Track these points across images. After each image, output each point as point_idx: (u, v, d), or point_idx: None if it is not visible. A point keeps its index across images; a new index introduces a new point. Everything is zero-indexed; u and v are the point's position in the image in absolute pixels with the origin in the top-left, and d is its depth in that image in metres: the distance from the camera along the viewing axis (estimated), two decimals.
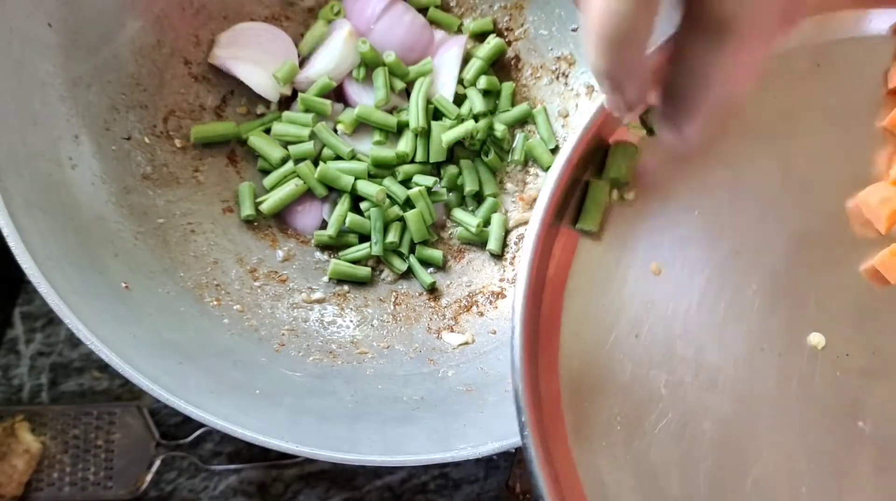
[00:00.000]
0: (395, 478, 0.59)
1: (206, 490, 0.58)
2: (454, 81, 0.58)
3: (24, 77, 0.46)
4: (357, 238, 0.56)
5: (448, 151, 0.56)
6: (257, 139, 0.56)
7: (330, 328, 0.54)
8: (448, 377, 0.50)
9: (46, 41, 0.47)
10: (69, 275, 0.43)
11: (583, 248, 0.36)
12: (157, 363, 0.43)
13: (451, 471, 0.59)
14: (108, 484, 0.56)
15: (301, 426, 0.43)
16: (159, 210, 0.52)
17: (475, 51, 0.58)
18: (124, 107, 0.52)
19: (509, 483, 0.57)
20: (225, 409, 0.42)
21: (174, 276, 0.51)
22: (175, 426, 0.58)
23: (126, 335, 0.43)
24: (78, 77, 0.49)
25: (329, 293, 0.55)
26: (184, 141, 0.55)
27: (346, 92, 0.58)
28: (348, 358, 0.52)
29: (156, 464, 0.57)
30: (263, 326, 0.52)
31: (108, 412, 0.57)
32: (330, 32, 0.57)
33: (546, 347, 0.34)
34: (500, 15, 0.59)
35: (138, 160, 0.53)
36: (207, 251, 0.53)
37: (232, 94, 0.57)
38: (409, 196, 0.55)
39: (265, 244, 0.56)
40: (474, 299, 0.55)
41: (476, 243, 0.57)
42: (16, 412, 0.57)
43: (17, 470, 0.55)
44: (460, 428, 0.44)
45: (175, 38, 0.55)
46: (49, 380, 0.59)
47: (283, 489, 0.59)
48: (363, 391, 0.49)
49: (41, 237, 0.43)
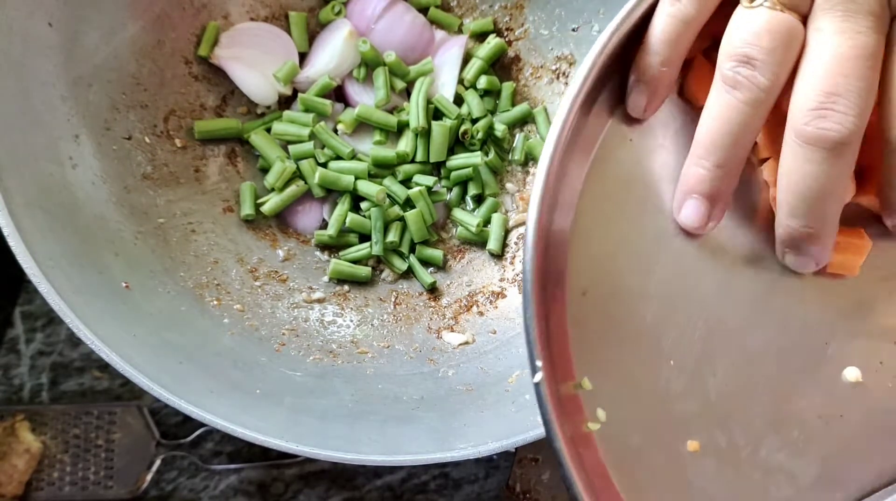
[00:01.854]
0: (395, 478, 0.59)
1: (206, 490, 0.59)
2: (454, 81, 0.58)
3: (24, 77, 0.46)
4: (357, 238, 0.56)
5: (449, 150, 0.56)
6: (258, 138, 0.56)
7: (330, 327, 0.54)
8: (448, 376, 0.50)
9: (47, 41, 0.47)
10: (69, 275, 0.43)
11: None
12: (158, 362, 0.43)
13: (451, 471, 0.59)
14: (108, 484, 0.56)
15: (301, 425, 0.43)
16: (160, 210, 0.52)
17: (475, 51, 0.58)
18: (125, 106, 0.52)
19: (509, 483, 0.57)
20: (225, 409, 0.42)
21: (174, 275, 0.51)
22: (175, 426, 0.58)
23: (126, 334, 0.43)
24: (78, 77, 0.49)
25: (329, 293, 0.55)
26: (184, 140, 0.55)
27: (346, 92, 0.58)
28: (348, 358, 0.52)
29: (156, 464, 0.57)
30: (264, 325, 0.52)
31: (109, 411, 0.57)
32: (330, 32, 0.58)
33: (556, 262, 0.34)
34: (501, 15, 0.59)
35: (139, 160, 0.53)
36: (208, 251, 0.53)
37: (232, 93, 0.57)
38: (409, 196, 0.55)
39: (265, 244, 0.56)
40: (474, 298, 0.55)
41: (476, 243, 0.57)
42: (16, 412, 0.57)
43: (18, 470, 0.55)
44: (460, 428, 0.44)
45: (175, 38, 0.55)
46: (49, 380, 0.59)
47: (283, 488, 0.59)
48: (363, 390, 0.49)
49: (41, 237, 0.43)
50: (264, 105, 0.57)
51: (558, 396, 0.32)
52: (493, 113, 0.58)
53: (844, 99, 0.28)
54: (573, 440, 0.32)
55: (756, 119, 0.31)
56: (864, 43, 0.29)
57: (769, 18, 0.30)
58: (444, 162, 0.57)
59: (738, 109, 0.31)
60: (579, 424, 0.33)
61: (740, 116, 0.31)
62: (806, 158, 0.30)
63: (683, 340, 0.34)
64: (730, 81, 0.31)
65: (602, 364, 0.33)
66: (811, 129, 0.29)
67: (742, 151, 0.32)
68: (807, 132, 0.29)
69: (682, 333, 0.34)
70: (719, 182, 0.32)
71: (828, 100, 0.29)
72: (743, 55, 0.30)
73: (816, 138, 0.29)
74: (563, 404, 0.32)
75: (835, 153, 0.29)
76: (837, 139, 0.29)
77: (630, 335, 0.34)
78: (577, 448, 0.32)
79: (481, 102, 0.57)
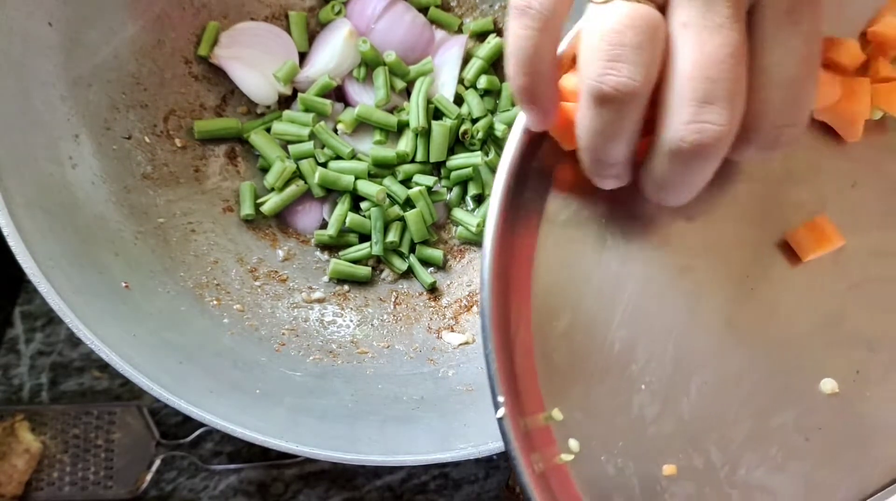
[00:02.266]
0: (395, 478, 0.59)
1: (206, 490, 0.59)
2: (455, 81, 0.58)
3: (24, 77, 0.46)
4: (357, 238, 0.56)
5: (449, 150, 0.56)
6: (258, 138, 0.56)
7: (330, 327, 0.54)
8: (448, 376, 0.50)
9: (47, 41, 0.47)
10: (69, 274, 0.43)
11: None
12: (157, 362, 0.43)
13: (451, 471, 0.59)
14: (108, 484, 0.56)
15: (301, 425, 0.43)
16: (159, 210, 0.52)
17: (476, 50, 0.58)
18: (124, 106, 0.52)
19: (509, 483, 0.57)
20: (225, 409, 0.42)
21: (174, 275, 0.51)
22: (175, 426, 0.58)
23: (126, 334, 0.43)
24: (78, 76, 0.49)
25: (329, 293, 0.55)
26: (184, 140, 0.55)
27: (346, 92, 0.58)
28: (348, 358, 0.52)
29: (156, 464, 0.57)
30: (263, 325, 0.52)
31: (109, 411, 0.57)
32: (330, 32, 0.58)
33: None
34: (501, 14, 0.59)
35: (138, 160, 0.53)
36: (208, 251, 0.53)
37: (232, 93, 0.57)
38: (409, 196, 0.55)
39: (265, 244, 0.56)
40: (475, 298, 0.55)
41: (476, 243, 0.57)
42: (16, 412, 0.57)
43: (17, 470, 0.55)
44: (460, 428, 0.44)
45: (175, 38, 0.55)
46: (49, 380, 0.59)
47: (283, 488, 0.59)
48: (363, 390, 0.49)
49: (41, 237, 0.43)
50: (264, 105, 0.57)
51: (525, 431, 0.32)
52: (494, 113, 0.58)
53: (717, 106, 0.27)
54: (546, 472, 0.32)
55: (633, 124, 0.29)
56: (728, 39, 0.27)
57: (628, 12, 0.27)
58: (444, 162, 0.57)
59: (612, 121, 0.28)
60: (552, 456, 0.33)
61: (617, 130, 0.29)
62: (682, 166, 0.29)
63: (653, 363, 0.33)
64: (597, 93, 0.28)
65: (572, 394, 0.33)
66: (687, 146, 0.27)
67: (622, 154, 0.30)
68: (684, 149, 0.28)
69: (652, 356, 0.33)
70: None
71: (701, 110, 0.27)
72: (608, 57, 0.27)
73: (692, 154, 0.28)
74: (533, 437, 0.32)
75: (708, 157, 0.28)
76: (713, 145, 0.27)
77: (599, 363, 0.33)
78: (550, 480, 0.32)
79: (481, 101, 0.57)
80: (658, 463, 0.33)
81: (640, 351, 0.33)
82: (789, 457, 0.33)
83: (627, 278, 0.34)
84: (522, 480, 0.31)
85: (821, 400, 0.33)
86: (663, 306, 0.34)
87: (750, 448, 0.33)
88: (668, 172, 0.29)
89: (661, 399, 0.33)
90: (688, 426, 0.33)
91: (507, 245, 0.34)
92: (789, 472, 0.33)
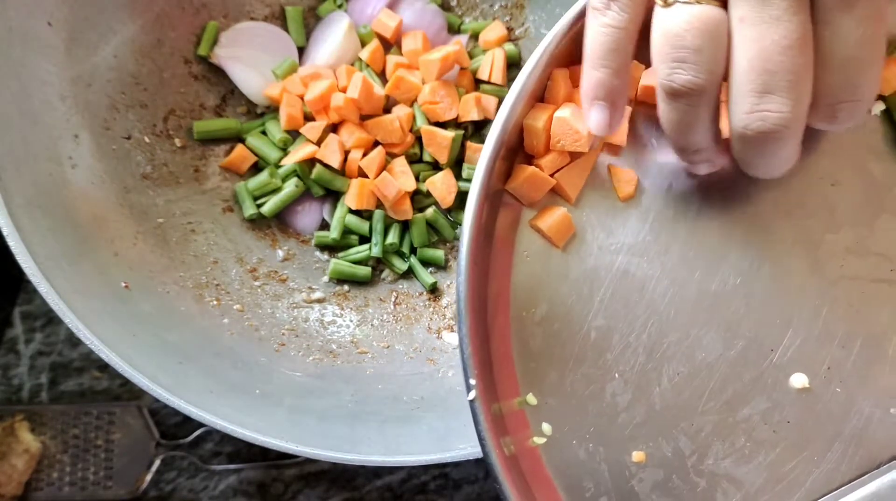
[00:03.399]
0: (395, 478, 0.59)
1: (205, 490, 0.58)
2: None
3: (24, 76, 0.46)
4: (357, 238, 0.56)
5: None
6: (255, 140, 0.55)
7: (330, 327, 0.54)
8: (448, 376, 0.50)
9: (46, 40, 0.47)
10: (69, 275, 0.43)
11: None
12: (157, 362, 0.43)
13: (451, 471, 0.59)
14: (107, 484, 0.56)
15: (301, 426, 0.43)
16: (159, 210, 0.52)
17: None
18: (124, 106, 0.52)
19: None
20: (225, 409, 0.42)
21: (174, 275, 0.51)
22: (175, 426, 0.58)
23: (126, 334, 0.43)
24: (78, 76, 0.49)
25: (329, 293, 0.55)
26: (184, 140, 0.55)
27: None
28: (348, 358, 0.52)
29: (156, 464, 0.57)
30: (263, 326, 0.52)
31: (108, 411, 0.57)
32: (328, 25, 0.57)
33: None
34: (501, 14, 0.59)
35: (138, 160, 0.53)
36: (207, 251, 0.53)
37: (232, 93, 0.57)
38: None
39: (265, 244, 0.56)
40: None
41: None
42: (15, 412, 0.57)
43: (17, 470, 0.55)
44: (460, 428, 0.44)
45: (175, 38, 0.55)
46: (49, 380, 0.59)
47: (283, 489, 0.58)
48: (363, 390, 0.49)
49: (41, 237, 0.43)
50: (264, 105, 0.57)
51: (499, 414, 0.33)
52: None
53: (777, 95, 0.29)
54: (517, 455, 0.33)
55: (707, 113, 0.31)
56: (786, 30, 0.28)
57: (687, 17, 0.30)
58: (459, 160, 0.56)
59: (686, 113, 0.31)
60: (524, 439, 0.34)
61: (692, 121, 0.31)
62: (753, 150, 0.31)
63: (628, 352, 0.35)
64: (668, 90, 0.31)
65: (547, 380, 0.34)
66: (752, 133, 0.30)
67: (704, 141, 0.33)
68: (749, 135, 0.30)
69: (627, 345, 0.35)
70: None
71: (761, 100, 0.29)
72: (672, 59, 0.30)
73: (759, 139, 0.30)
74: (507, 420, 0.33)
75: (777, 140, 0.30)
76: (777, 131, 0.29)
77: (575, 351, 0.35)
78: (521, 462, 0.33)
79: None
80: (628, 450, 0.34)
81: (615, 340, 0.35)
82: (757, 449, 0.34)
83: (606, 269, 0.35)
84: (490, 460, 0.32)
85: (791, 394, 0.34)
86: (639, 298, 0.35)
87: (718, 439, 0.34)
88: (744, 154, 0.32)
89: (633, 388, 0.34)
90: (658, 415, 0.34)
91: (488, 231, 0.35)
92: (756, 463, 0.34)
